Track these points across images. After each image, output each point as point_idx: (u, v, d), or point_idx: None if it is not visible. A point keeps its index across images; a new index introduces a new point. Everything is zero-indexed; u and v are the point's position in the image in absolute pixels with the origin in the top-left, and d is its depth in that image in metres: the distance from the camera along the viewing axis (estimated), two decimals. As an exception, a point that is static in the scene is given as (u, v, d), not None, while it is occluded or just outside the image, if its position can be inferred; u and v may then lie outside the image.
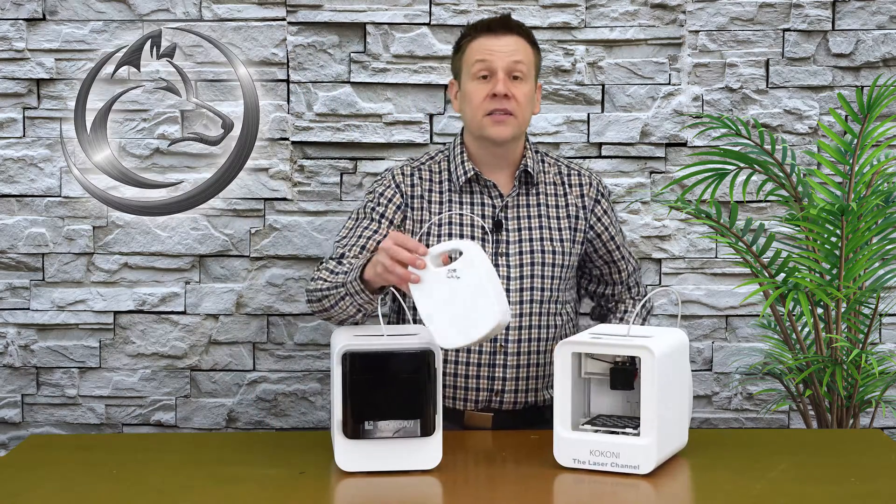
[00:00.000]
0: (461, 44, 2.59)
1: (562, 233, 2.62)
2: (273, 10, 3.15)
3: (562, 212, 2.63)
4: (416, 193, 2.59)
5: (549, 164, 2.67)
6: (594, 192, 2.66)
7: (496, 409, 2.55)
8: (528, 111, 2.55)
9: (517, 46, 2.54)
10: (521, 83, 2.53)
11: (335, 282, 2.42)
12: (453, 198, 2.60)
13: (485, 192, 2.60)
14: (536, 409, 2.58)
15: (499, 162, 2.60)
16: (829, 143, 3.05)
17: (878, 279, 2.94)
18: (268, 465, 2.16)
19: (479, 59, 2.53)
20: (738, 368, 3.24)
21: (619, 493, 2.03)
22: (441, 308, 2.10)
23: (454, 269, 2.09)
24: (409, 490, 2.04)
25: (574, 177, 2.66)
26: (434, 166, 2.63)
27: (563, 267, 2.60)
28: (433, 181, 2.62)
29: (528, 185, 2.62)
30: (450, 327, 2.10)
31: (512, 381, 2.55)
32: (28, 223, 3.17)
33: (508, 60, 2.52)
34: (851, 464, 2.19)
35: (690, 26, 3.17)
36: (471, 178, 2.59)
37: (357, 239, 2.54)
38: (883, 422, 3.25)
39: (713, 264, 3.23)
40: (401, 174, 2.61)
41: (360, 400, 2.06)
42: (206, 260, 3.21)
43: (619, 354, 2.14)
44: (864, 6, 3.16)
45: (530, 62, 2.56)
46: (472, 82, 2.54)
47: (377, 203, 2.58)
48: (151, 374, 3.23)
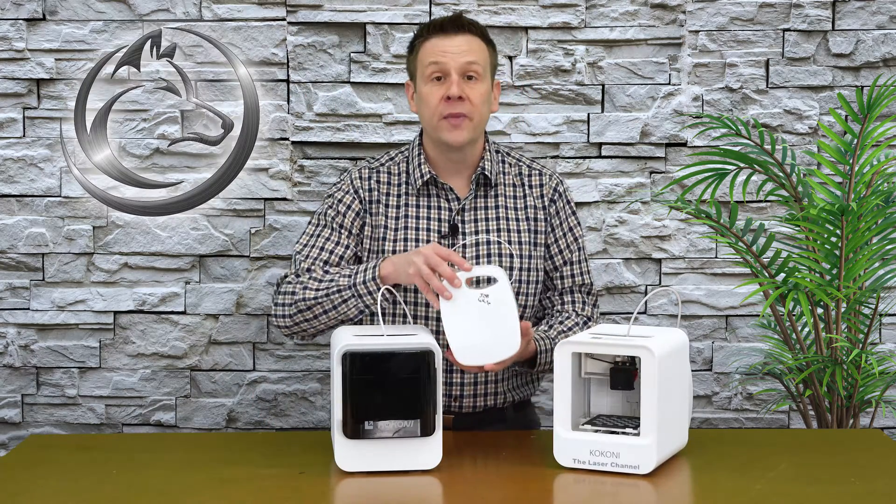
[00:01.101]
0: (415, 44, 2.56)
1: (521, 235, 2.58)
2: (273, 10, 3.15)
3: (521, 214, 2.59)
4: (374, 198, 2.57)
5: (509, 164, 2.63)
6: (551, 192, 2.61)
7: (456, 411, 2.54)
8: (484, 111, 2.52)
9: (470, 46, 2.50)
10: (476, 83, 2.50)
11: (332, 287, 2.41)
12: (410, 201, 2.57)
13: (441, 196, 2.57)
14: (497, 410, 2.57)
15: (456, 165, 2.57)
16: (829, 143, 3.05)
17: (878, 279, 2.94)
18: (268, 465, 2.16)
19: (432, 62, 2.50)
20: (738, 368, 3.24)
21: (619, 493, 2.03)
22: (467, 327, 2.22)
23: (486, 295, 2.21)
24: (409, 490, 2.04)
25: (535, 177, 2.63)
26: (393, 167, 2.61)
27: (523, 270, 2.56)
28: (391, 183, 2.59)
29: (486, 188, 2.59)
30: (471, 347, 2.22)
31: (470, 387, 2.53)
32: (28, 223, 3.17)
33: (461, 61, 2.48)
34: (851, 464, 2.19)
35: (690, 26, 3.17)
36: (427, 181, 2.57)
37: (319, 251, 2.52)
38: (883, 422, 3.25)
39: (713, 264, 3.23)
40: (359, 178, 2.59)
41: (360, 400, 2.06)
42: (206, 260, 3.21)
43: (619, 354, 2.14)
44: (864, 6, 3.16)
45: (485, 61, 2.52)
46: (427, 85, 2.51)
47: (336, 211, 2.56)
48: (151, 374, 3.23)
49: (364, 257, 2.55)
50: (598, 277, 3.20)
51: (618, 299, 3.22)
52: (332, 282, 2.42)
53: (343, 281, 2.40)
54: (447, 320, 2.22)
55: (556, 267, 2.61)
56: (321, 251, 2.52)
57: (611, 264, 3.21)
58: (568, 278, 2.62)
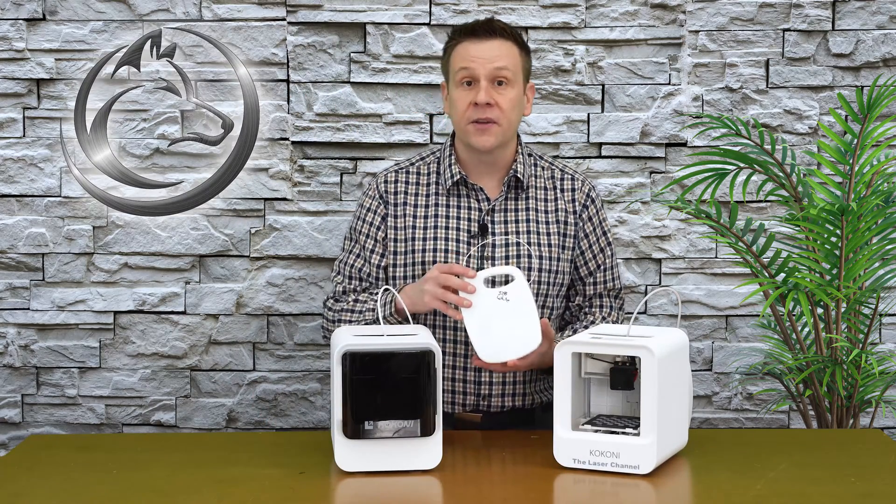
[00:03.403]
0: (447, 48, 2.58)
1: (550, 238, 2.59)
2: (273, 10, 3.15)
3: (551, 217, 2.61)
4: (400, 200, 2.60)
5: (541, 167, 2.65)
6: (583, 197, 2.63)
7: (484, 410, 2.56)
8: (514, 117, 2.53)
9: (501, 51, 2.51)
10: (507, 88, 2.50)
11: (362, 317, 2.53)
12: (440, 200, 2.59)
13: (471, 196, 2.58)
14: (525, 412, 2.58)
15: (487, 167, 2.59)
16: (829, 143, 3.05)
17: (878, 279, 2.94)
18: (268, 465, 2.16)
19: (462, 67, 2.51)
20: (738, 368, 3.24)
21: (619, 493, 2.03)
22: (488, 325, 2.29)
23: (505, 293, 2.29)
24: (409, 490, 2.04)
25: (567, 181, 2.64)
26: (423, 168, 2.63)
27: (551, 272, 2.58)
28: (420, 183, 2.61)
29: (517, 190, 2.60)
30: (493, 343, 2.30)
31: (499, 386, 2.55)
32: (28, 223, 3.17)
33: (491, 67, 2.49)
34: (851, 464, 2.19)
35: (690, 26, 3.17)
36: (458, 181, 2.58)
37: (351, 269, 2.62)
38: (883, 422, 3.25)
39: (713, 264, 3.23)
40: (384, 181, 2.62)
41: (360, 400, 2.06)
42: (206, 260, 3.21)
43: (619, 354, 2.14)
44: (864, 6, 3.16)
45: (516, 66, 2.53)
46: (457, 89, 2.52)
47: (363, 221, 2.62)
48: (151, 374, 3.23)
49: (390, 260, 2.59)
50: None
51: (618, 299, 3.22)
52: (364, 312, 2.54)
53: (368, 315, 2.52)
54: (469, 321, 2.30)
55: (590, 273, 2.64)
56: (352, 269, 2.61)
57: (611, 264, 3.21)
58: (600, 284, 2.65)
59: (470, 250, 2.55)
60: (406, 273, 2.57)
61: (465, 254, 2.54)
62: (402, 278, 2.57)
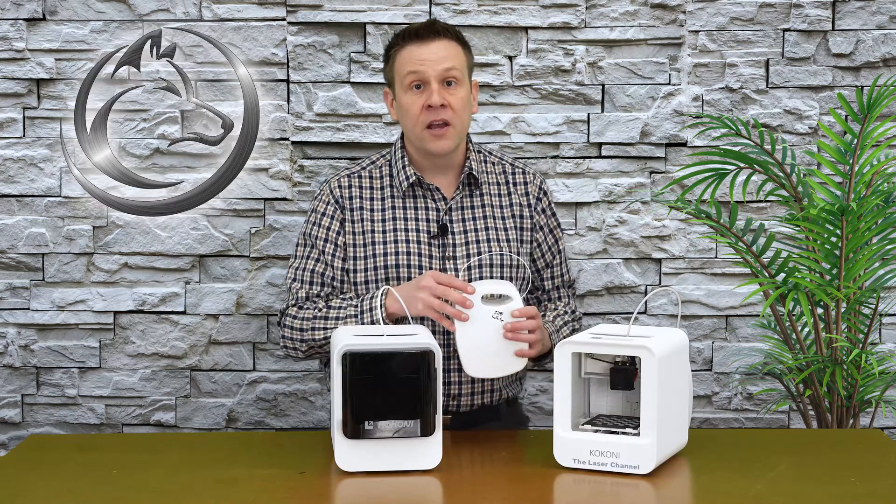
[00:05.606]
0: (390, 53, 2.58)
1: (507, 233, 2.61)
2: (273, 10, 3.15)
3: (507, 212, 2.63)
4: (355, 204, 2.59)
5: (492, 163, 2.67)
6: (536, 190, 2.66)
7: (453, 411, 2.56)
8: (465, 116, 2.55)
9: (448, 52, 2.52)
10: (457, 88, 2.52)
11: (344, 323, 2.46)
12: (396, 203, 2.59)
13: (428, 196, 2.59)
14: (492, 408, 2.60)
15: (441, 168, 2.60)
16: (829, 143, 3.05)
17: (878, 279, 2.94)
18: (268, 465, 2.16)
19: (410, 70, 2.51)
20: (738, 368, 3.24)
21: (619, 493, 2.03)
22: (478, 341, 2.32)
23: (500, 312, 2.31)
24: (409, 490, 2.04)
25: (518, 175, 2.67)
26: (375, 171, 2.63)
27: (512, 267, 2.60)
28: (374, 187, 2.61)
29: (471, 187, 2.62)
30: (483, 360, 2.34)
31: (468, 385, 2.56)
32: (28, 223, 3.17)
33: (440, 69, 2.50)
34: (851, 464, 2.19)
35: (690, 26, 3.17)
36: (413, 182, 2.58)
37: (311, 275, 2.59)
38: (883, 422, 3.25)
39: (713, 264, 3.23)
40: (338, 186, 2.61)
41: (360, 400, 2.07)
42: (206, 260, 3.21)
43: (619, 354, 2.14)
44: (864, 6, 3.16)
45: (462, 65, 2.54)
46: (406, 94, 2.53)
47: (320, 226, 2.60)
48: (151, 374, 3.23)
49: (350, 265, 2.57)
50: (598, 277, 3.20)
51: (618, 299, 3.22)
52: (340, 310, 2.48)
53: (351, 322, 2.46)
54: (460, 335, 2.32)
55: (547, 265, 2.69)
56: (313, 275, 2.58)
57: (611, 264, 3.21)
58: (557, 277, 2.71)
59: (431, 251, 2.55)
60: (368, 277, 2.56)
61: (427, 254, 2.54)
62: (363, 283, 2.57)
